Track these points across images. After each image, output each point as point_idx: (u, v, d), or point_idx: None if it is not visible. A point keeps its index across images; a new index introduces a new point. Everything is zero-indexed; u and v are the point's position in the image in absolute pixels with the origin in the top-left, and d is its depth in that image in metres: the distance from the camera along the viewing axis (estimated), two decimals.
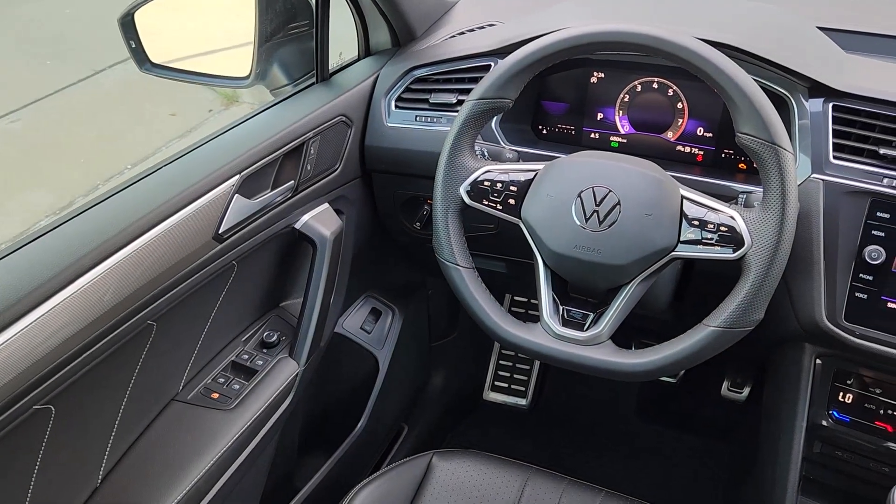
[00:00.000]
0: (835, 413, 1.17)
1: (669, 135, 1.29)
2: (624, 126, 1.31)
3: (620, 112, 1.31)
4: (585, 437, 1.98)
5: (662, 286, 1.23)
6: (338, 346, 1.52)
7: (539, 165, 1.08)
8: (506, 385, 2.06)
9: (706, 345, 0.98)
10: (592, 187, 1.02)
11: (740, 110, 0.95)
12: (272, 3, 1.30)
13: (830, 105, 1.10)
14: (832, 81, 1.10)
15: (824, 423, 1.18)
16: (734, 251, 0.96)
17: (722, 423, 1.91)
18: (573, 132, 1.35)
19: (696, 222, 0.98)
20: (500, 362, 2.08)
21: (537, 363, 2.06)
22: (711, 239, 0.98)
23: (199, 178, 1.02)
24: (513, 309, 2.00)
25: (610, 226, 1.01)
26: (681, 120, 1.27)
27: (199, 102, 4.29)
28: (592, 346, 1.04)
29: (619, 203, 1.01)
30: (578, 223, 1.02)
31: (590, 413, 2.04)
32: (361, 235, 1.42)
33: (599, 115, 1.32)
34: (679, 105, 1.27)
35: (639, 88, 1.28)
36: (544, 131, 1.37)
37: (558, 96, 1.34)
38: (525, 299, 1.99)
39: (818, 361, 1.16)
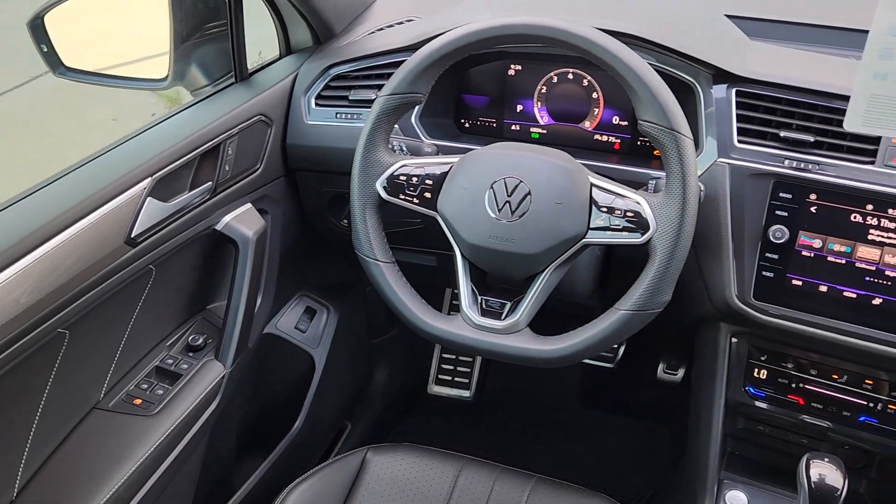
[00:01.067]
0: (750, 389, 1.21)
1: (587, 124, 1.31)
2: (543, 117, 1.33)
3: (539, 103, 1.33)
4: (529, 426, 2.01)
5: (584, 273, 1.25)
6: (272, 346, 1.51)
7: (454, 159, 1.09)
8: (449, 378, 2.07)
9: (618, 328, 1.01)
10: (504, 178, 1.04)
11: (640, 98, 0.98)
12: (185, 4, 1.29)
13: (734, 91, 1.13)
14: (735, 68, 1.13)
15: (741, 399, 1.21)
16: (641, 235, 0.99)
17: (660, 405, 1.95)
18: (494, 125, 1.37)
19: (605, 209, 1.01)
20: (444, 356, 2.09)
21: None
22: (619, 225, 1.00)
23: (109, 181, 1.01)
24: (453, 302, 2.02)
25: (522, 216, 1.02)
26: (597, 109, 1.30)
27: (140, 106, 4.22)
28: (510, 334, 1.05)
29: (529, 193, 1.02)
30: (492, 214, 1.04)
31: (533, 402, 2.07)
32: (289, 234, 1.42)
33: (519, 107, 1.34)
34: (594, 95, 1.29)
35: (555, 80, 1.30)
36: (467, 125, 1.38)
37: (478, 90, 1.36)
38: None
39: (733, 340, 1.20)
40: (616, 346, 1.95)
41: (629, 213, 0.99)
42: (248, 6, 1.27)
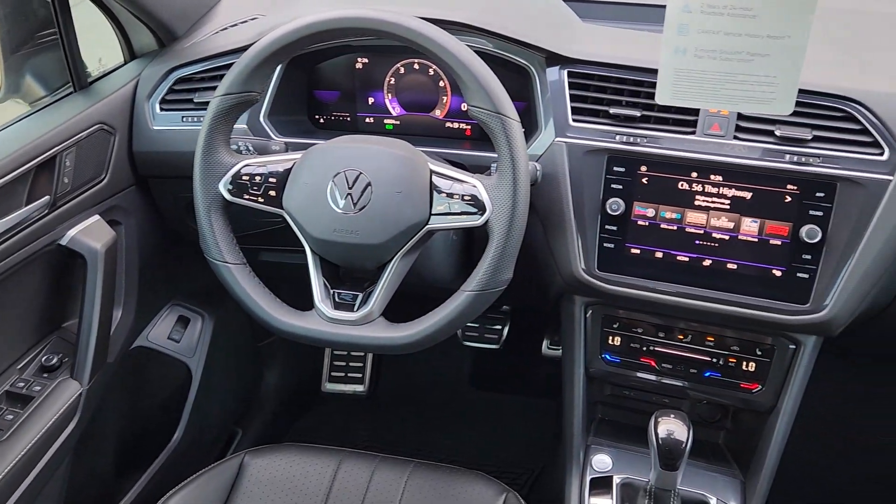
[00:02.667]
0: (606, 356, 1.26)
1: (437, 113, 1.33)
2: (395, 108, 1.35)
3: (389, 95, 1.34)
4: (424, 414, 2.03)
5: (443, 259, 1.28)
6: (143, 359, 1.48)
7: (297, 155, 1.09)
8: (342, 374, 2.07)
9: (464, 309, 1.03)
10: (344, 171, 1.04)
11: (466, 84, 1.00)
12: (10, 12, 1.24)
13: (565, 72, 1.17)
14: (565, 50, 1.18)
15: (599, 367, 1.27)
16: (479, 217, 1.01)
17: (547, 381, 2.01)
18: (349, 119, 1.37)
19: (445, 194, 1.03)
20: (335, 352, 2.09)
21: None
22: (459, 209, 1.02)
23: None
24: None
25: (364, 207, 1.03)
26: (445, 98, 1.32)
27: None
28: (364, 325, 1.07)
29: (370, 184, 1.03)
30: (335, 207, 1.04)
31: (427, 390, 2.10)
32: (148, 244, 1.39)
33: (371, 100, 1.35)
34: (441, 84, 1.32)
35: (402, 71, 1.32)
36: (321, 120, 1.39)
37: (329, 85, 1.36)
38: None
39: (589, 311, 1.25)
40: (500, 327, 2.00)
41: (467, 197, 1.02)
42: (92, 12, 1.24)
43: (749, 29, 0.90)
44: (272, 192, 1.08)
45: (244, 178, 1.08)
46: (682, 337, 1.22)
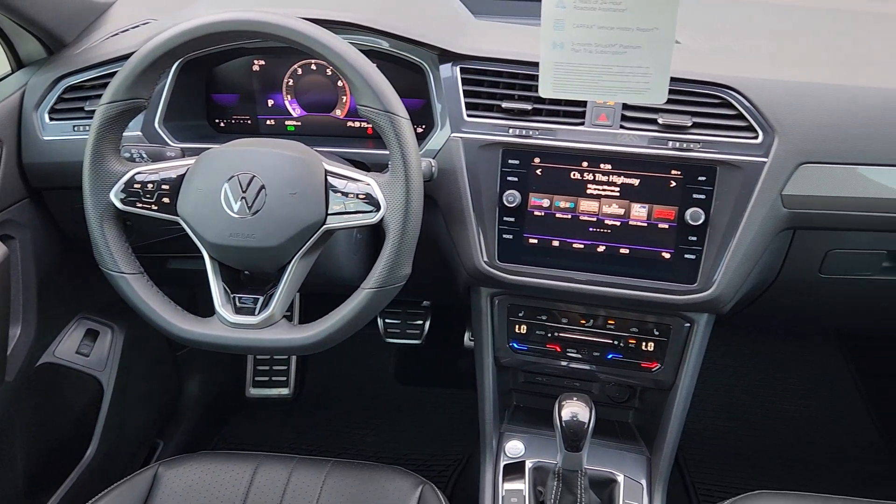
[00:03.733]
0: (514, 344, 1.29)
1: (338, 112, 1.34)
2: (295, 109, 1.35)
3: (289, 96, 1.34)
4: (351, 413, 2.04)
5: (348, 258, 1.28)
6: (51, 376, 1.44)
7: (190, 161, 1.08)
8: (266, 378, 2.06)
9: (365, 306, 1.04)
10: (237, 175, 1.04)
11: (353, 84, 1.01)
12: None
13: (458, 69, 1.19)
14: (457, 47, 1.20)
15: (508, 355, 1.30)
16: (374, 215, 1.03)
17: (470, 372, 2.04)
18: (249, 121, 1.37)
19: (340, 193, 1.04)
20: (258, 357, 2.08)
21: None
22: (354, 207, 1.03)
23: None
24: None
25: (259, 210, 1.03)
26: (344, 97, 1.33)
27: None
28: (266, 327, 1.06)
29: (264, 187, 1.03)
30: (230, 212, 1.04)
31: (353, 389, 2.10)
32: (46, 258, 1.35)
33: (270, 102, 1.35)
34: (340, 83, 1.32)
35: (300, 72, 1.32)
36: (222, 124, 1.37)
37: (227, 88, 1.35)
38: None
39: (494, 301, 1.28)
40: (421, 322, 2.02)
41: (362, 196, 1.03)
42: None
43: (620, 22, 0.93)
44: (166, 199, 1.07)
45: (136, 186, 1.07)
46: (584, 322, 1.26)
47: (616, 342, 1.25)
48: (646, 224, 1.14)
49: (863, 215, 1.11)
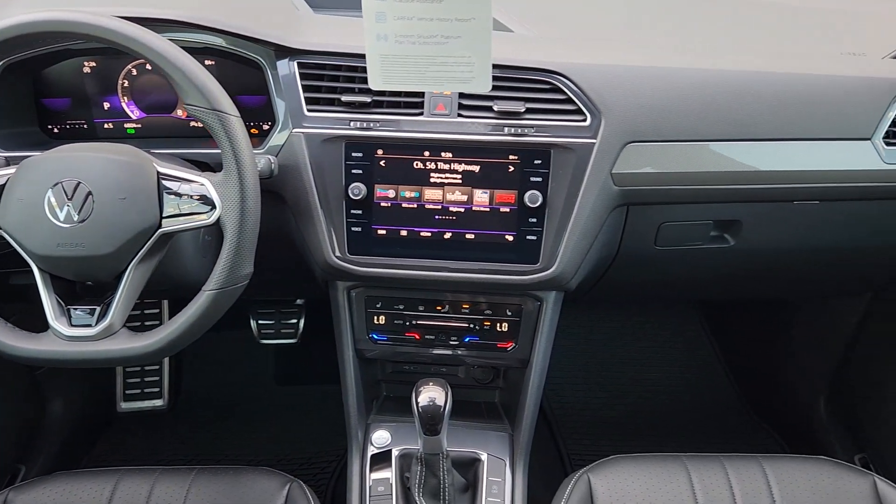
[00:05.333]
0: (374, 335, 1.30)
1: (180, 113, 1.30)
2: (133, 112, 1.30)
3: (125, 98, 1.29)
4: (230, 418, 2.00)
5: (196, 261, 1.25)
6: None
7: (11, 170, 1.03)
8: (138, 391, 1.99)
9: (207, 309, 1.02)
10: (62, 182, 1.00)
11: (177, 83, 0.99)
12: None
13: (295, 64, 1.19)
14: (293, 42, 1.19)
15: (369, 346, 1.31)
16: (210, 216, 1.01)
17: None
18: (85, 126, 1.31)
19: (174, 195, 1.01)
20: (128, 370, 2.00)
21: (166, 360, 2.02)
22: (189, 209, 1.01)
23: None
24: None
25: (87, 217, 0.99)
26: None
27: None
28: (105, 338, 1.03)
29: (91, 193, 0.99)
30: (55, 221, 0.99)
31: (231, 393, 2.06)
32: None
33: (106, 105, 1.30)
34: None
35: (135, 72, 1.28)
36: (55, 130, 1.31)
37: (58, 91, 1.29)
38: None
39: (351, 293, 1.28)
40: (296, 321, 2.00)
41: (197, 197, 1.01)
42: None
43: (438, 13, 0.95)
44: None
45: None
46: (440, 308, 1.28)
47: (472, 325, 1.28)
48: (488, 209, 1.17)
49: (685, 189, 1.18)
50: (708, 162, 1.17)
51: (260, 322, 1.96)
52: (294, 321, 1.95)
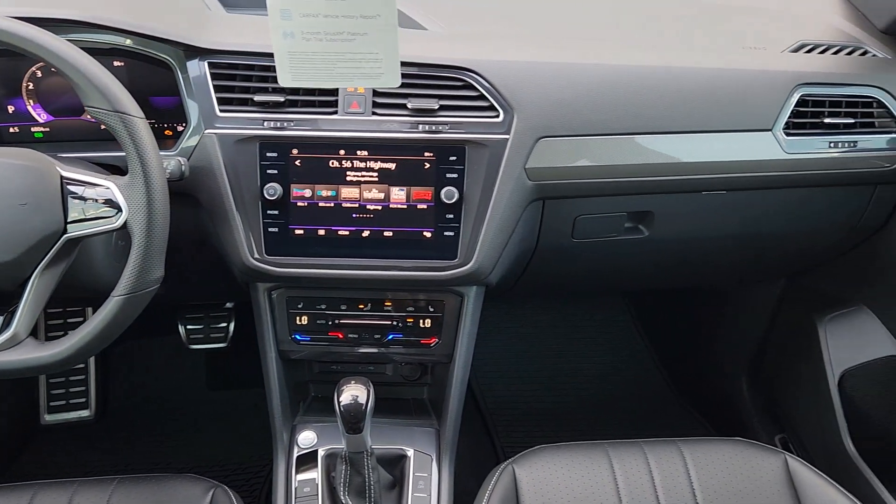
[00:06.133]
0: (297, 336, 1.30)
1: (89, 115, 1.27)
2: (40, 115, 1.26)
3: (31, 101, 1.25)
4: (161, 427, 1.96)
5: (109, 266, 1.22)
6: None
7: None
8: (63, 402, 1.94)
9: (116, 315, 1.00)
10: None
11: (77, 84, 0.97)
12: None
13: (206, 64, 1.17)
14: (203, 42, 1.17)
15: (292, 347, 1.30)
16: (117, 219, 0.99)
17: None
18: None
19: (79, 199, 0.99)
20: (51, 380, 1.94)
21: (92, 369, 1.97)
22: (95, 213, 0.99)
23: None
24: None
25: None
26: None
27: None
28: (10, 348, 1.00)
29: None
30: None
31: (161, 401, 2.02)
32: None
33: (11, 108, 1.25)
34: None
35: (39, 74, 1.24)
36: None
37: None
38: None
39: (272, 295, 1.27)
40: (225, 324, 1.97)
41: (102, 200, 0.99)
42: None
43: (343, 10, 0.95)
44: None
45: None
46: (362, 306, 1.28)
47: (395, 322, 1.29)
48: (406, 206, 1.18)
49: (597, 182, 1.21)
50: (618, 155, 1.20)
51: (188, 327, 1.93)
52: (224, 325, 1.93)
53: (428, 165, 1.17)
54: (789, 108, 1.24)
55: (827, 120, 1.25)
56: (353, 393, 1.11)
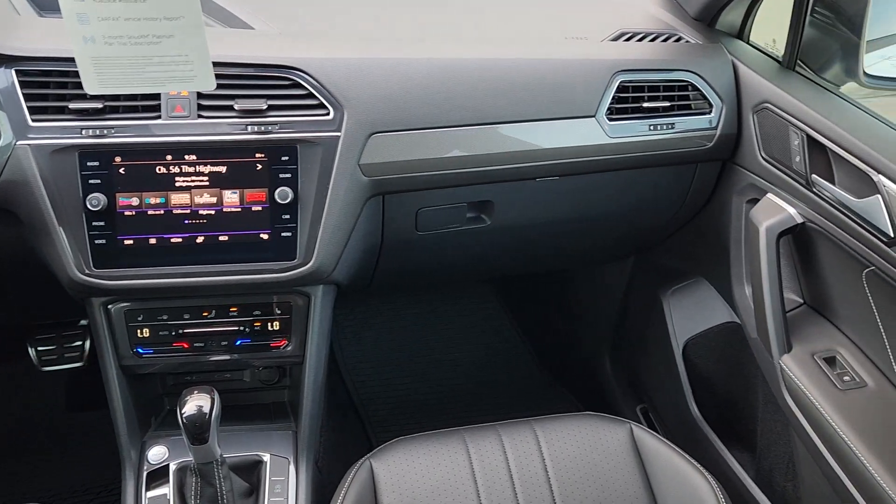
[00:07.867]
0: (139, 350, 1.25)
1: None
2: None
3: None
4: (13, 457, 1.85)
5: None
6: None
7: None
8: None
9: None
10: None
11: None
12: None
13: (13, 72, 1.11)
14: (7, 49, 1.11)
15: (135, 362, 1.26)
16: None
17: None
18: None
19: None
20: None
21: None
22: None
23: None
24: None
25: None
26: None
27: None
28: None
29: None
30: None
31: (15, 429, 1.91)
32: None
33: None
34: None
35: None
36: None
37: None
38: None
39: (109, 309, 1.22)
40: (80, 343, 1.88)
41: None
42: None
43: (144, 13, 0.92)
44: None
45: None
46: (207, 314, 1.25)
47: (243, 328, 1.27)
48: (240, 209, 1.16)
49: (432, 175, 1.23)
50: (451, 147, 1.23)
51: (39, 349, 1.82)
52: (79, 343, 1.83)
53: (260, 167, 1.15)
54: (610, 95, 1.30)
55: (646, 104, 1.32)
56: (197, 403, 1.08)
